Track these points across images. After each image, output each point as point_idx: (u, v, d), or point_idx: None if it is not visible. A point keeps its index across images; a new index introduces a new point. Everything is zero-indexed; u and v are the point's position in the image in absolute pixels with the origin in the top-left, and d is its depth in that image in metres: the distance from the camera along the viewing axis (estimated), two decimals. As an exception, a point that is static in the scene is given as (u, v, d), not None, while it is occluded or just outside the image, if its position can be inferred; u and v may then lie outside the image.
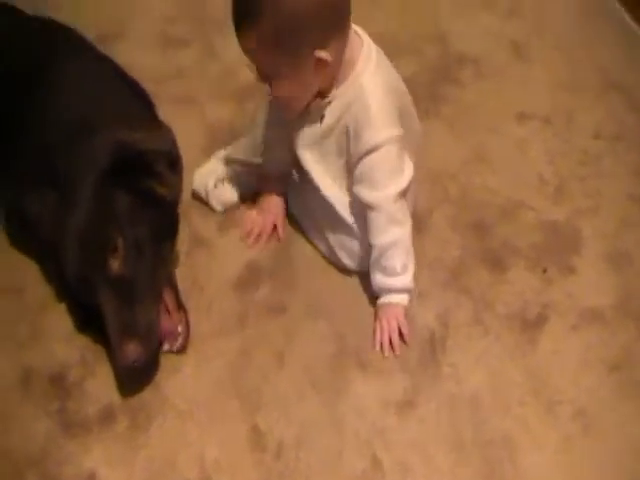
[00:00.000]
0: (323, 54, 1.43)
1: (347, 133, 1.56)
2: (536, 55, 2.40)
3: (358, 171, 1.57)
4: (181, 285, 1.68)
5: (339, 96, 1.54)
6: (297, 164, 1.73)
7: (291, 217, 1.85)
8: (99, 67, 1.88)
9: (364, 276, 1.70)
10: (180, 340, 1.60)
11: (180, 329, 1.61)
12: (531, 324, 1.62)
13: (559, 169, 1.97)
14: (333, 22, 1.44)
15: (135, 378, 1.57)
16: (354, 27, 1.54)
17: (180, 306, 1.63)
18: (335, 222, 1.69)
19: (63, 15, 2.04)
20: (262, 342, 1.62)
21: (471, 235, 1.81)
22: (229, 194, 1.89)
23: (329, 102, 1.55)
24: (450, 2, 2.69)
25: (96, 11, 2.67)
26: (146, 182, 1.54)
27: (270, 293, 1.71)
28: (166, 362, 1.59)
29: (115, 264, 1.49)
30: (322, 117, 1.58)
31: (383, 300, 1.65)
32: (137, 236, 1.53)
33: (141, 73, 2.02)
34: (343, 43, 1.48)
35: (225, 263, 1.78)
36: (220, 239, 1.84)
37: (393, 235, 1.59)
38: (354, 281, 1.72)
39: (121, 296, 1.49)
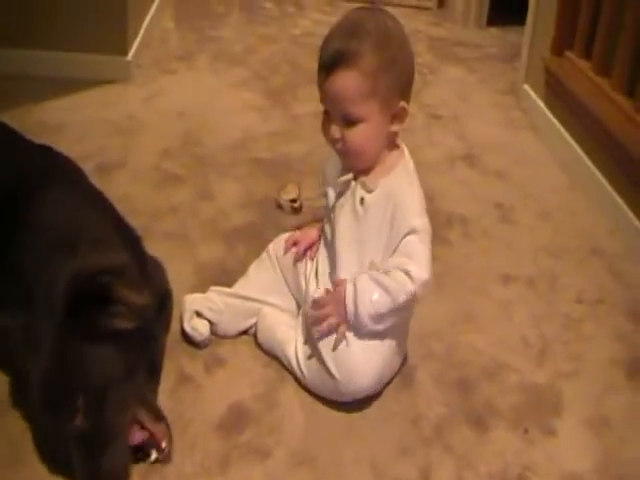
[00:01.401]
0: (406, 105, 1.61)
1: (386, 220, 1.67)
2: (520, 218, 2.53)
3: (399, 248, 1.66)
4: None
5: (383, 185, 1.68)
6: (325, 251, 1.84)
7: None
8: (86, 196, 1.85)
9: (350, 423, 1.72)
10: (165, 452, 1.58)
11: (164, 444, 1.58)
12: (512, 485, 1.63)
13: (543, 332, 2.03)
14: (410, 83, 1.64)
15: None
16: None
17: (159, 417, 1.60)
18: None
19: (65, 142, 2.09)
20: (245, 486, 1.60)
21: (455, 393, 1.83)
22: (202, 326, 1.91)
23: (372, 190, 1.68)
24: (437, 161, 2.82)
25: (97, 141, 2.79)
26: (105, 320, 1.49)
27: (254, 437, 1.70)
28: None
29: (77, 420, 1.45)
30: (362, 200, 1.69)
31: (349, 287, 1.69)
32: (101, 383, 1.48)
33: (136, 205, 2.08)
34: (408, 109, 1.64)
35: (211, 403, 1.77)
36: (207, 379, 1.84)
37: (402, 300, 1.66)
38: (340, 429, 1.72)
39: (87, 446, 1.46)
